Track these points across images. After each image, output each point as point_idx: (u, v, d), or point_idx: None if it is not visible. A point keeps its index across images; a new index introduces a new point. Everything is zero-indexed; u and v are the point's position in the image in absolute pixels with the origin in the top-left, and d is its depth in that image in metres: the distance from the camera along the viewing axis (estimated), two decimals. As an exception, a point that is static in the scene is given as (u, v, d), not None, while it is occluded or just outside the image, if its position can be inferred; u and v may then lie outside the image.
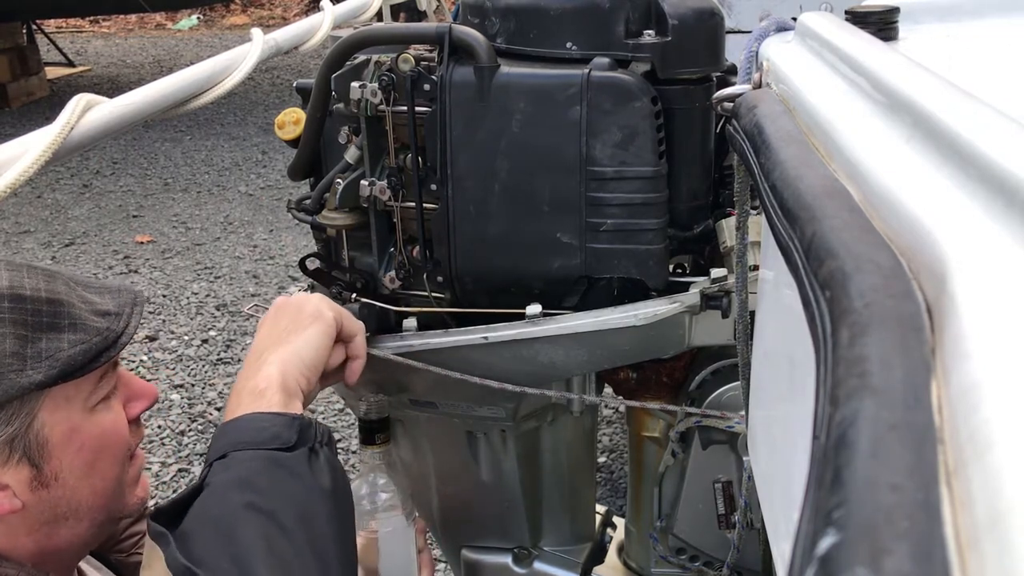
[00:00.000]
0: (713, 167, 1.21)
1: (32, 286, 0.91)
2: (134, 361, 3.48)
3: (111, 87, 8.01)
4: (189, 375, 3.41)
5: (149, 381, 1.43)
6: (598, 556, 1.55)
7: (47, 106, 7.42)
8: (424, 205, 1.18)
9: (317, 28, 1.67)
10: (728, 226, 1.16)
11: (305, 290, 1.30)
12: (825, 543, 0.26)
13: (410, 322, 1.23)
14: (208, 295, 4.06)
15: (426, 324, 1.24)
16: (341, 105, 1.18)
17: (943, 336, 0.33)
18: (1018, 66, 0.75)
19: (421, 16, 2.60)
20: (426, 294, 1.23)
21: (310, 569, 0.89)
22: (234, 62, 1.29)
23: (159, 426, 3.08)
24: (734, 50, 1.03)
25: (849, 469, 0.28)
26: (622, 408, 2.19)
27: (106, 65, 9.14)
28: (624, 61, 1.10)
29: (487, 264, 1.17)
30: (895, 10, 0.76)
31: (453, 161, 1.14)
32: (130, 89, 1.10)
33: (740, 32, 2.36)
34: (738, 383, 1.04)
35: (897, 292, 0.36)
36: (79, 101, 0.98)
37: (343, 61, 1.18)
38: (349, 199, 1.20)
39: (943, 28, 0.85)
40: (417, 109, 1.14)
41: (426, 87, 1.13)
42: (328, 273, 1.28)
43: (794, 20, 0.82)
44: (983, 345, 0.30)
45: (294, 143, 1.26)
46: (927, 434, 0.29)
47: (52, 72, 8.37)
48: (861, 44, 0.64)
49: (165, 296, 4.06)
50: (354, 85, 1.15)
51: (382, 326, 1.24)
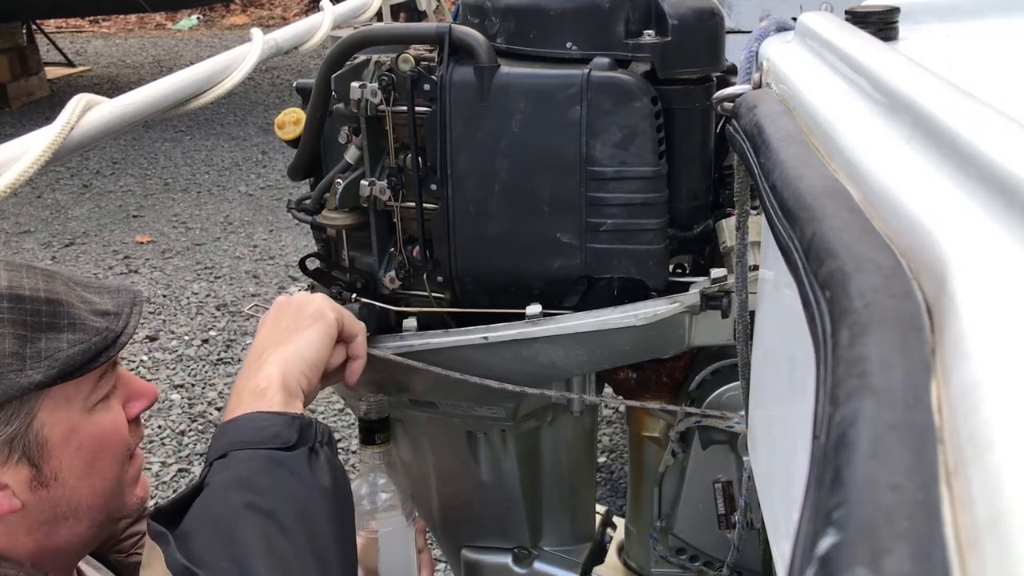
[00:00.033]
0: (713, 167, 1.21)
1: (31, 286, 0.91)
2: (134, 361, 3.48)
3: (111, 87, 8.01)
4: (189, 375, 3.41)
5: (149, 381, 1.43)
6: (598, 556, 1.55)
7: (47, 106, 7.42)
8: (424, 205, 1.18)
9: (317, 28, 1.67)
10: (728, 226, 1.16)
11: (305, 290, 1.30)
12: (825, 543, 0.26)
13: (410, 322, 1.23)
14: (208, 295, 4.06)
15: (426, 324, 1.24)
16: (341, 105, 1.18)
17: (943, 336, 0.33)
18: (1018, 66, 0.75)
19: (421, 16, 2.60)
20: (426, 294, 1.23)
21: (310, 569, 0.89)
22: (234, 62, 1.29)
23: (159, 426, 3.08)
24: (734, 50, 1.03)
25: (849, 469, 0.28)
26: (622, 408, 2.19)
27: (106, 65, 9.14)
28: (624, 61, 1.10)
29: (487, 264, 1.17)
30: (895, 10, 0.76)
31: (453, 161, 1.14)
32: (130, 89, 1.10)
33: (740, 32, 2.35)
34: (738, 383, 1.04)
35: (897, 292, 0.36)
36: (79, 101, 0.98)
37: (343, 61, 1.18)
38: (349, 199, 1.20)
39: (943, 28, 0.85)
40: (417, 109, 1.14)
41: (426, 87, 1.13)
42: (328, 273, 1.28)
43: (794, 20, 0.82)
44: (983, 345, 0.30)
45: (294, 143, 1.26)
46: (927, 434, 0.29)
47: (52, 72, 8.37)
48: (861, 44, 0.63)
49: (165, 296, 4.06)
50: (354, 85, 1.15)
51: (382, 326, 1.24)
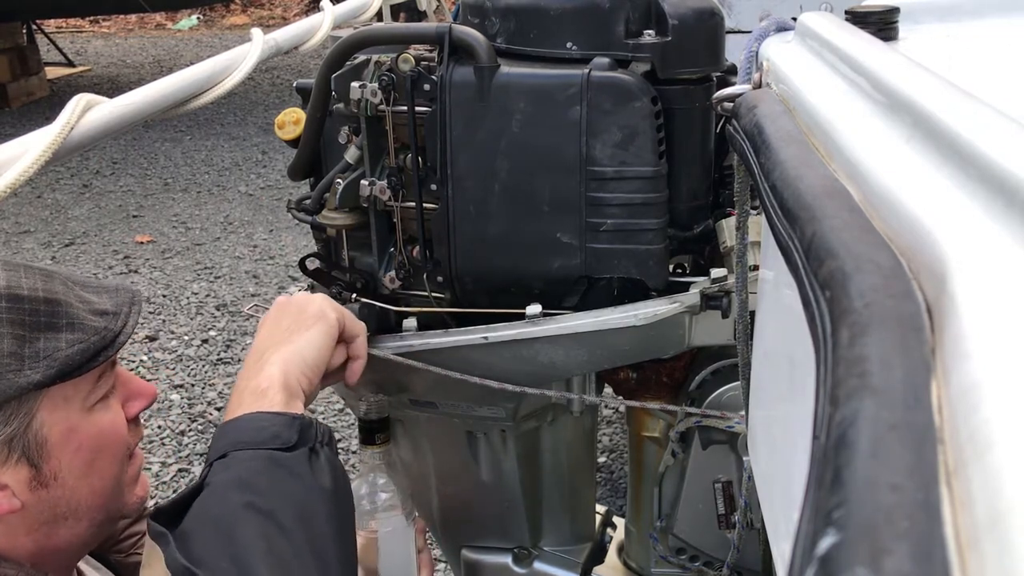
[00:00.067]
0: (713, 167, 1.21)
1: (29, 286, 0.90)
2: (134, 361, 3.48)
3: (111, 87, 8.01)
4: (189, 375, 3.41)
5: (149, 381, 1.43)
6: (598, 556, 1.55)
7: (47, 106, 7.42)
8: (424, 205, 1.18)
9: (317, 28, 1.67)
10: (728, 226, 1.16)
11: (305, 290, 1.30)
12: (825, 543, 0.26)
13: (410, 322, 1.23)
14: (208, 295, 4.06)
15: (426, 324, 1.24)
16: (341, 105, 1.18)
17: (943, 336, 0.33)
18: (1018, 66, 0.75)
19: (421, 16, 2.60)
20: (426, 294, 1.23)
21: (309, 569, 0.89)
22: (234, 62, 1.29)
23: (159, 426, 3.08)
24: (734, 50, 1.03)
25: (849, 469, 0.28)
26: (622, 408, 2.19)
27: (106, 65, 9.14)
28: (624, 61, 1.10)
29: (487, 264, 1.17)
30: (895, 10, 0.76)
31: (453, 161, 1.14)
32: (130, 89, 1.10)
33: (740, 32, 2.36)
34: (738, 383, 1.04)
35: (897, 292, 0.36)
36: (79, 101, 0.98)
37: (343, 61, 1.18)
38: (349, 199, 1.20)
39: (943, 28, 0.85)
40: (417, 109, 1.14)
41: (426, 87, 1.13)
42: (328, 273, 1.28)
43: (794, 20, 0.82)
44: (983, 345, 0.30)
45: (294, 143, 1.26)
46: (927, 434, 0.29)
47: (52, 72, 8.37)
48: (861, 44, 0.63)
49: (165, 296, 4.06)
50: (354, 85, 1.15)
51: (382, 326, 1.24)
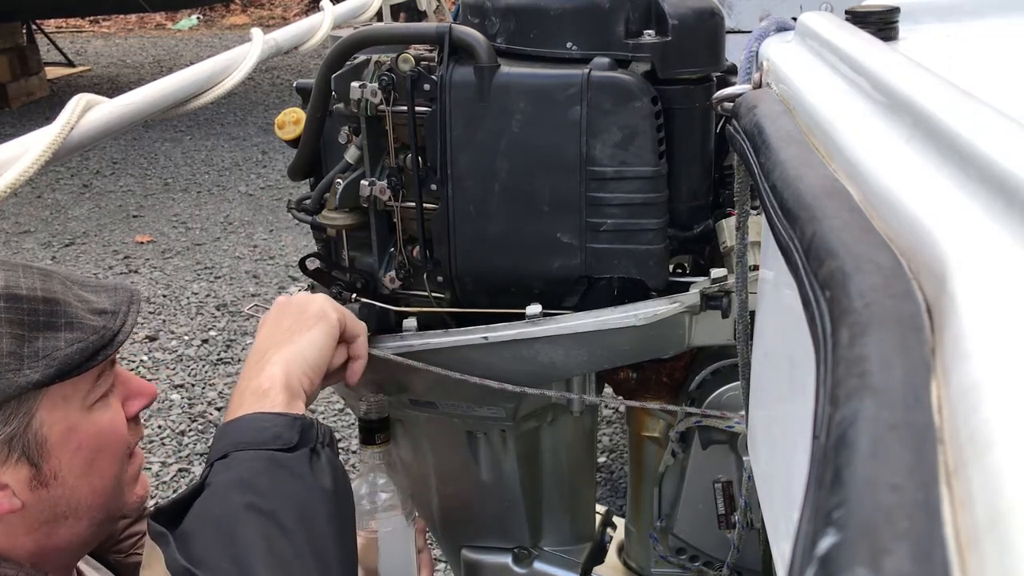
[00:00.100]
0: (713, 167, 1.21)
1: (28, 285, 0.90)
2: (134, 361, 3.48)
3: (111, 87, 8.01)
4: (189, 375, 3.41)
5: (149, 381, 1.43)
6: (598, 556, 1.55)
7: (47, 106, 7.42)
8: (424, 205, 1.18)
9: (317, 28, 1.67)
10: (728, 226, 1.16)
11: (305, 290, 1.30)
12: (825, 543, 0.26)
13: (410, 322, 1.23)
14: (208, 295, 4.06)
15: (426, 324, 1.24)
16: (341, 105, 1.18)
17: (943, 336, 0.33)
18: (1018, 66, 0.75)
19: (421, 16, 2.60)
20: (426, 294, 1.23)
21: (310, 569, 0.89)
22: (234, 62, 1.29)
23: (159, 426, 3.08)
24: (734, 50, 1.03)
25: (849, 469, 0.28)
26: (622, 408, 2.19)
27: (106, 65, 9.14)
28: (624, 61, 1.10)
29: (487, 264, 1.17)
30: (895, 10, 0.76)
31: (453, 161, 1.14)
32: (130, 89, 1.10)
33: (740, 32, 2.36)
34: (738, 383, 1.04)
35: (897, 292, 0.36)
36: (79, 101, 0.98)
37: (343, 61, 1.18)
38: (349, 199, 1.20)
39: (943, 28, 0.85)
40: (417, 109, 1.14)
41: (426, 87, 1.13)
42: (328, 273, 1.28)
43: (794, 20, 0.82)
44: (983, 345, 0.30)
45: (294, 143, 1.26)
46: (927, 434, 0.29)
47: (52, 72, 8.37)
48: (861, 44, 0.63)
49: (165, 296, 4.06)
50: (354, 85, 1.15)
51: (382, 326, 1.24)
